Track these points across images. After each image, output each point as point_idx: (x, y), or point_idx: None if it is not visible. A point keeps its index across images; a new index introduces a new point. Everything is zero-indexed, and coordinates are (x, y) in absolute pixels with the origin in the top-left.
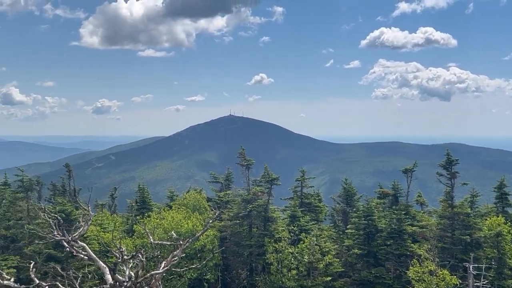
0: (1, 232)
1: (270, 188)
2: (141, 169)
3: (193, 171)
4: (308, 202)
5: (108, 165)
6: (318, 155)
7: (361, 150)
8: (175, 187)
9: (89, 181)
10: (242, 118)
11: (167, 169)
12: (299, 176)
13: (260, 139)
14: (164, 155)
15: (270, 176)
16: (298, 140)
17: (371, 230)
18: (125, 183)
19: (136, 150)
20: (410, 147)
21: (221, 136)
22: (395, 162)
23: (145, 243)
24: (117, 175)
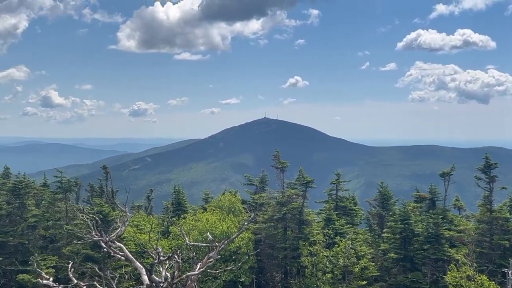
0: (40, 232)
1: (305, 191)
2: (176, 171)
3: (228, 174)
4: (343, 205)
5: (145, 167)
6: (353, 158)
7: (397, 153)
8: (210, 189)
9: (126, 182)
10: (277, 121)
11: (202, 171)
12: (334, 179)
13: (295, 142)
14: (199, 157)
15: (304, 178)
16: (333, 143)
17: (408, 234)
18: (161, 185)
19: (171, 153)
20: (448, 151)
21: (255, 138)
22: (432, 165)
23: (180, 244)
24: (153, 177)
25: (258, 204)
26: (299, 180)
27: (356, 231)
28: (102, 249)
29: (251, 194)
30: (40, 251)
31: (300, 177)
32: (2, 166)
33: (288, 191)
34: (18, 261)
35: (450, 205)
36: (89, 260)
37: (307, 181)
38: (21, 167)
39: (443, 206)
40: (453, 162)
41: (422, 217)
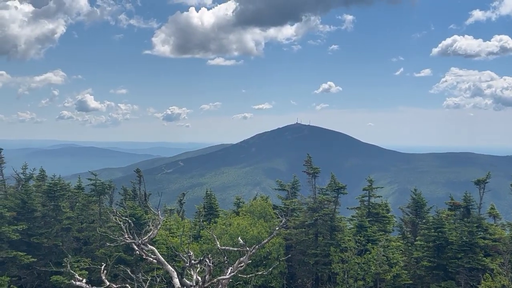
0: (74, 234)
1: (337, 197)
2: (208, 176)
3: (260, 178)
4: (375, 212)
5: (177, 171)
6: (386, 164)
7: (431, 160)
8: (241, 194)
9: (159, 186)
10: (309, 127)
11: (234, 176)
12: (366, 185)
13: (327, 147)
14: (231, 162)
15: (337, 184)
16: (366, 149)
17: (441, 243)
18: (193, 189)
19: (204, 157)
20: (483, 158)
21: (287, 144)
22: (467, 173)
23: (212, 248)
24: (185, 181)
25: (290, 210)
26: (331, 186)
27: (388, 239)
28: (134, 252)
29: (283, 200)
30: (73, 253)
31: (332, 183)
32: (38, 168)
33: (320, 197)
34: (52, 263)
35: (485, 213)
36: (122, 262)
37: (339, 187)
38: (56, 169)
39: (478, 214)
40: (488, 170)
41: (456, 225)
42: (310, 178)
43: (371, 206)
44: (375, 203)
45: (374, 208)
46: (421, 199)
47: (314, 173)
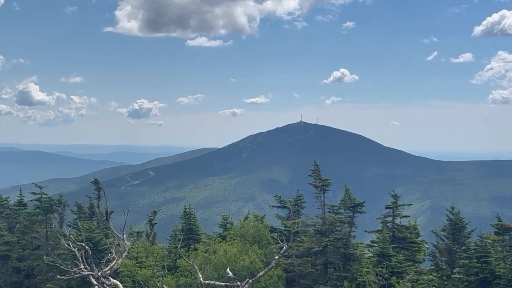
0: (13, 263)
1: (352, 216)
2: (187, 189)
3: (253, 192)
4: (401, 236)
5: (147, 182)
6: (415, 175)
7: (473, 170)
8: (230, 212)
9: (123, 202)
10: (316, 126)
11: (220, 189)
12: (390, 202)
13: (340, 153)
14: (217, 171)
15: (352, 201)
16: (389, 155)
17: (486, 276)
18: (167, 205)
19: (181, 165)
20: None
21: (289, 148)
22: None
23: (192, 282)
24: (157, 196)
25: (292, 233)
26: (345, 202)
27: (418, 270)
28: (92, 287)
29: (283, 220)
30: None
31: (346, 199)
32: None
33: (331, 216)
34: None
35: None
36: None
37: (355, 204)
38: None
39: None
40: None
41: (505, 254)
42: (318, 192)
43: (396, 229)
44: (401, 224)
45: (400, 231)
46: (460, 219)
47: (323, 186)
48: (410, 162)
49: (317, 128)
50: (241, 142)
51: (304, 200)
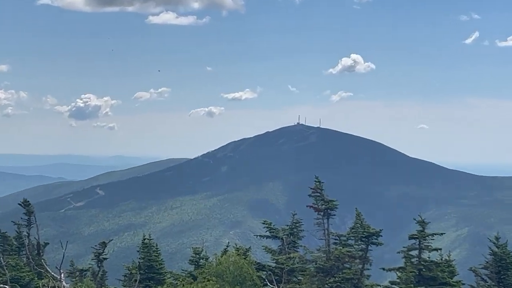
0: None
1: (366, 249)
2: (148, 213)
3: (235, 218)
4: (430, 275)
5: (94, 204)
6: (451, 195)
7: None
8: (204, 244)
9: (63, 230)
10: (320, 130)
11: (191, 214)
12: (415, 230)
13: (350, 166)
14: (188, 189)
15: (365, 229)
16: (416, 168)
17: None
18: (121, 235)
19: (140, 181)
20: None
21: (283, 158)
22: None
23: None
24: (107, 222)
25: (285, 272)
26: (356, 231)
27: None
28: None
29: (274, 254)
30: None
31: (358, 226)
32: None
33: (337, 250)
34: None
35: None
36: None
37: (369, 234)
38: None
39: None
40: None
41: None
42: (320, 217)
43: (424, 266)
44: (430, 260)
45: (429, 269)
46: (508, 254)
47: (327, 210)
48: (443, 178)
49: (321, 132)
50: (220, 151)
51: (303, 228)
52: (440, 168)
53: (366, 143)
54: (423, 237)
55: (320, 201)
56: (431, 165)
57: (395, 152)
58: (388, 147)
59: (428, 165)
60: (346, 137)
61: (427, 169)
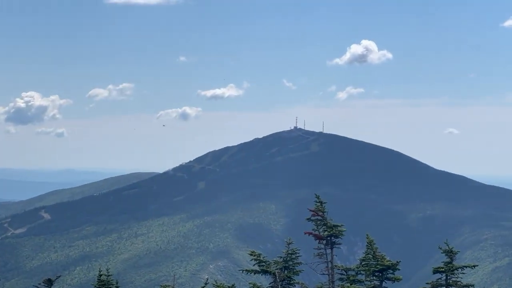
0: None
1: (380, 287)
2: (106, 240)
3: (216, 246)
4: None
5: (39, 230)
6: (486, 216)
7: None
8: (175, 281)
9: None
10: (322, 136)
11: (160, 241)
12: (441, 262)
13: (359, 181)
14: (157, 211)
15: (378, 260)
16: (443, 183)
17: None
18: (73, 269)
19: (97, 201)
20: None
21: (275, 173)
22: None
23: None
24: (56, 253)
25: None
26: (367, 263)
27: None
28: None
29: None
30: None
31: (370, 257)
32: None
33: (344, 287)
34: None
35: None
36: None
37: (384, 267)
38: None
39: None
40: None
41: None
42: (323, 247)
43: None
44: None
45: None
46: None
47: (331, 237)
48: (478, 195)
49: (324, 139)
50: (196, 163)
51: (300, 261)
52: (473, 183)
53: (381, 152)
54: (451, 270)
55: (322, 227)
56: (462, 179)
57: (417, 163)
58: (408, 156)
59: (458, 179)
60: (356, 144)
61: (457, 184)
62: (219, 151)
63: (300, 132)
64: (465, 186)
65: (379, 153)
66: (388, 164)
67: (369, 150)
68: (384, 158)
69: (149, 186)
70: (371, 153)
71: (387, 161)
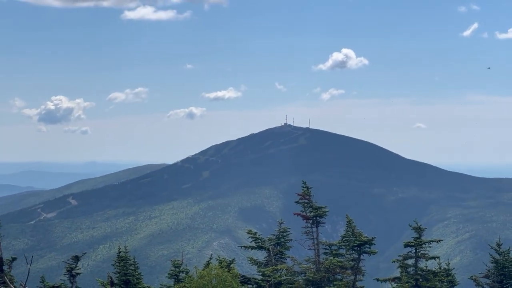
0: None
1: (358, 259)
2: (124, 222)
3: (219, 226)
4: (428, 286)
5: (66, 214)
6: (450, 199)
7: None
8: (185, 256)
9: (32, 243)
10: (308, 131)
11: (171, 223)
12: (411, 238)
13: (341, 169)
14: (167, 197)
15: (357, 237)
16: (412, 171)
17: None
18: (96, 247)
19: (116, 189)
20: None
21: (269, 162)
22: None
23: None
24: (81, 234)
25: (272, 284)
26: (348, 239)
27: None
28: None
29: (260, 266)
30: None
31: (349, 234)
32: None
33: (328, 260)
34: None
35: None
36: None
37: (361, 242)
38: None
39: None
40: None
41: None
42: (309, 226)
43: (421, 276)
44: (428, 269)
45: (426, 278)
46: (511, 261)
47: (316, 217)
48: (442, 181)
49: (310, 133)
50: (201, 155)
51: (290, 238)
52: (438, 170)
53: (359, 144)
54: (420, 244)
55: (309, 208)
56: (428, 167)
57: (390, 153)
58: (382, 148)
59: (425, 167)
60: (338, 138)
61: (424, 172)
62: (221, 145)
63: (290, 128)
64: (431, 173)
65: (358, 145)
66: (365, 155)
67: (349, 142)
68: (362, 149)
69: (160, 176)
70: (351, 145)
71: (365, 152)
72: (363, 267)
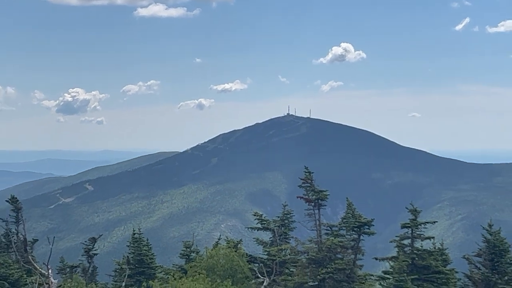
0: None
1: (358, 239)
2: (138, 207)
3: (227, 210)
4: (423, 264)
5: (83, 199)
6: (444, 183)
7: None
8: (195, 238)
9: (53, 226)
10: (309, 121)
11: (181, 206)
12: (408, 219)
13: (340, 155)
14: (178, 182)
15: (357, 219)
16: (408, 158)
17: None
18: (110, 230)
19: (130, 175)
20: None
21: (273, 150)
22: None
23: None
24: (98, 217)
25: (277, 263)
26: (347, 221)
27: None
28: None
29: (265, 246)
30: None
31: (349, 216)
32: None
33: (329, 240)
34: None
35: None
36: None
37: (360, 223)
38: None
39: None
40: None
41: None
42: (311, 208)
43: (417, 255)
44: (423, 249)
45: (422, 257)
46: (501, 241)
47: (318, 200)
48: (436, 167)
49: (311, 123)
50: (210, 143)
51: (293, 219)
52: (432, 156)
53: (357, 133)
54: (416, 225)
55: (311, 192)
56: (423, 154)
57: (387, 141)
58: (379, 136)
59: (420, 154)
60: (337, 127)
61: (419, 158)
62: (228, 134)
63: (292, 117)
64: (426, 159)
65: (356, 134)
66: (363, 142)
67: (348, 131)
68: (360, 137)
69: (172, 163)
70: (350, 133)
71: (363, 140)
72: (363, 247)
